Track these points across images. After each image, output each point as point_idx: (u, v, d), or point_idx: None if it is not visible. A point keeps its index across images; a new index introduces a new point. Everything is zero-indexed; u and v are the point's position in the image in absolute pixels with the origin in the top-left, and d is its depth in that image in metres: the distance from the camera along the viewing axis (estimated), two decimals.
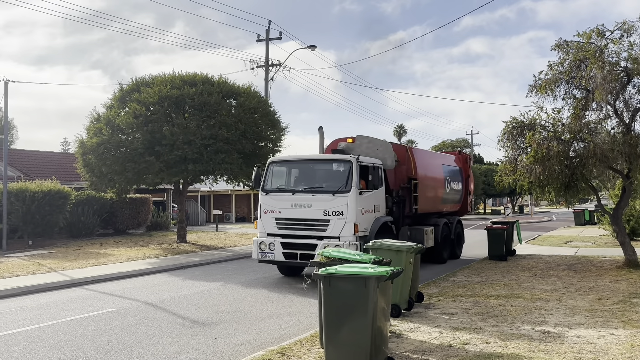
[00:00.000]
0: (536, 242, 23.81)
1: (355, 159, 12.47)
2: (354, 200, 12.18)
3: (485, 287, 11.95)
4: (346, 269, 6.29)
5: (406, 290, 9.24)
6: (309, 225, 12.45)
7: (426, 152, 17.60)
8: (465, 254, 19.22)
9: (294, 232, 12.65)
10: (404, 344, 7.36)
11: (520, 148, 14.94)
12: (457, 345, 7.28)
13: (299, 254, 12.39)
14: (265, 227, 13.07)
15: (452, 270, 14.89)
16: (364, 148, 14.29)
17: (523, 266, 15.56)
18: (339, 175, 12.61)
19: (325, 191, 12.55)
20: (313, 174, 13.31)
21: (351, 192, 12.21)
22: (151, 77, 23.32)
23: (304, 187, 12.93)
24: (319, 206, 12.36)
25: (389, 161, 14.27)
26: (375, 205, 13.16)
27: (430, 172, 16.40)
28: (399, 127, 79.88)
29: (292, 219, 12.67)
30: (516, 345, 7.26)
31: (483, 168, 66.07)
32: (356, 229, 12.10)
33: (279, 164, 13.70)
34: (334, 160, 13.09)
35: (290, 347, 7.28)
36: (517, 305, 9.90)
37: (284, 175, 13.45)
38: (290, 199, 12.76)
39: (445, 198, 17.59)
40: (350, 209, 12.15)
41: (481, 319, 8.80)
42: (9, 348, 7.64)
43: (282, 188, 13.18)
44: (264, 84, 30.06)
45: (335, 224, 12.18)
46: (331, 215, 12.21)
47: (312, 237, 12.43)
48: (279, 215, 12.85)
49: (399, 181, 15.11)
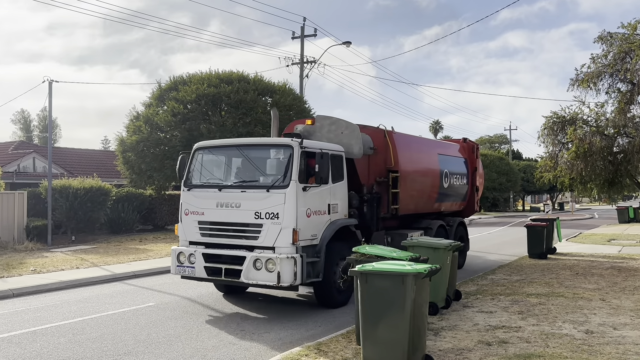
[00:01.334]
0: (577, 240, 23.21)
1: (297, 144, 9.28)
2: (294, 198, 9.03)
3: (524, 285, 11.73)
4: (383, 266, 6.26)
5: (444, 288, 9.14)
6: (237, 231, 9.36)
7: (414, 138, 13.96)
8: (501, 252, 18.90)
9: (220, 240, 9.56)
10: (441, 342, 7.29)
11: (561, 143, 14.65)
12: (495, 344, 7.17)
13: (224, 269, 9.30)
14: (186, 233, 9.99)
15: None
16: (325, 131, 11.15)
17: (564, 264, 15.20)
18: (278, 166, 9.59)
19: (258, 186, 9.43)
20: (247, 163, 10.11)
21: (290, 188, 9.05)
22: (188, 75, 23.70)
23: (233, 181, 9.93)
24: (249, 206, 9.24)
25: (355, 148, 10.91)
26: (332, 205, 9.99)
27: (418, 162, 13.36)
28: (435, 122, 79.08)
29: (217, 223, 9.57)
30: (557, 345, 7.10)
31: (522, 164, 64.89)
32: (295, 237, 8.96)
33: (208, 150, 10.40)
34: (271, 145, 10.04)
35: (327, 343, 7.30)
36: (558, 304, 9.68)
37: (213, 165, 10.46)
38: (216, 196, 9.62)
39: (443, 195, 14.40)
40: (288, 210, 9.00)
41: (521, 318, 8.64)
42: (55, 340, 7.89)
43: (207, 183, 10.10)
44: (299, 81, 30.17)
45: (269, 230, 9.04)
46: (264, 218, 9.09)
47: (240, 247, 9.30)
48: (202, 217, 9.76)
49: (374, 174, 11.92)
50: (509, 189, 59.43)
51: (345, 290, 9.95)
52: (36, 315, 9.56)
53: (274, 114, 11.14)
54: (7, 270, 14.02)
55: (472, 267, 15.02)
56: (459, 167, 15.38)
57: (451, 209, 15.26)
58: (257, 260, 8.96)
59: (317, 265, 9.37)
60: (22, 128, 69.10)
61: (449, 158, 14.84)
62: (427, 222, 13.62)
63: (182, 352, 7.29)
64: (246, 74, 23.68)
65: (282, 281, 8.73)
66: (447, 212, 15.13)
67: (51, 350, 7.36)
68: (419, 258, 7.50)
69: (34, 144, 44.21)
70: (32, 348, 7.46)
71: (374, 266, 6.25)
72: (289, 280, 8.77)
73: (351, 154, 10.87)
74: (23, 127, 69.16)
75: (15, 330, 8.46)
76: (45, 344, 7.66)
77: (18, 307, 10.26)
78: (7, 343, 7.71)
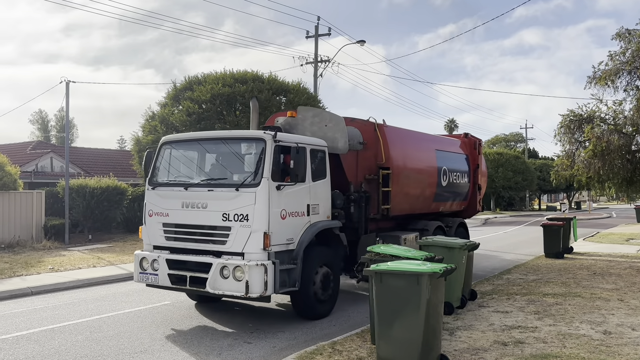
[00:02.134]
0: (595, 240, 22.95)
1: (270, 137, 8.36)
2: (265, 198, 8.10)
3: (541, 285, 11.62)
4: (398, 265, 6.24)
5: (459, 288, 9.10)
6: (204, 234, 8.46)
7: (408, 133, 12.78)
8: (517, 251, 18.75)
9: (185, 244, 8.65)
10: (456, 342, 7.25)
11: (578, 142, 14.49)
12: (512, 344, 7.11)
13: (189, 277, 8.36)
14: (149, 236, 9.11)
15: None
16: (308, 124, 10.09)
17: (581, 264, 15.03)
18: (250, 162, 8.65)
19: (226, 185, 8.48)
20: (216, 159, 9.27)
21: (261, 187, 8.11)
22: (203, 75, 23.79)
23: (201, 179, 8.97)
24: (217, 207, 8.32)
25: (340, 142, 9.90)
26: (311, 206, 9.02)
27: (412, 158, 12.26)
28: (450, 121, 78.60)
29: (182, 226, 8.68)
30: (575, 346, 7.03)
31: (538, 163, 64.30)
32: (267, 242, 8.03)
33: (176, 144, 9.46)
34: (242, 138, 9.09)
35: (342, 342, 7.30)
36: (575, 304, 9.58)
37: (181, 161, 9.49)
38: (182, 196, 8.71)
39: (441, 194, 13.32)
40: (259, 211, 8.04)
41: (537, 318, 8.57)
42: (72, 337, 7.99)
43: (173, 181, 9.15)
44: (313, 80, 30.16)
45: (238, 233, 8.10)
46: (232, 221, 8.14)
47: (207, 252, 8.39)
48: (167, 219, 8.85)
49: (363, 171, 10.91)
50: (524, 188, 58.91)
51: (326, 300, 9.18)
52: (54, 313, 9.69)
53: (253, 105, 10.14)
54: (26, 268, 14.22)
55: (488, 267, 14.92)
56: (460, 164, 14.33)
57: (451, 209, 14.27)
58: (224, 268, 8.03)
59: (293, 272, 8.48)
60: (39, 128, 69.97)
61: (448, 154, 13.84)
62: (424, 224, 12.62)
63: (198, 351, 7.33)
64: (260, 74, 23.71)
65: (251, 291, 7.79)
66: (447, 213, 14.17)
67: (69, 348, 7.45)
68: (434, 257, 7.48)
69: (52, 144, 44.74)
70: (50, 345, 7.56)
71: (388, 265, 6.24)
72: (258, 291, 7.83)
73: (336, 149, 9.90)
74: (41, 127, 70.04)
75: (34, 327, 8.58)
76: (63, 342, 7.76)
77: (36, 305, 10.40)
78: (26, 340, 7.82)
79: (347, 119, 10.88)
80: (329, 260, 9.31)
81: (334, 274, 9.37)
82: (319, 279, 8.98)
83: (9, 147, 34.51)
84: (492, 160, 55.57)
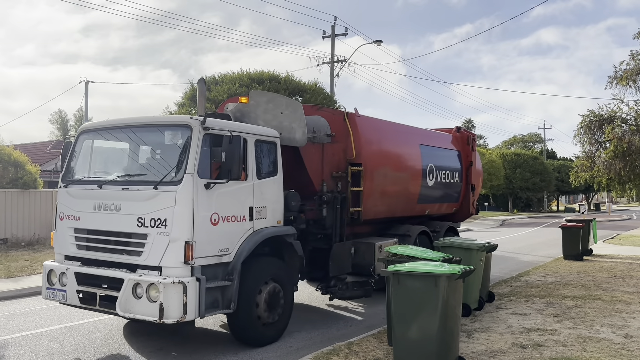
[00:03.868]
0: (615, 242, 22.61)
1: (198, 123, 6.85)
2: (188, 199, 6.59)
3: (560, 287, 11.48)
4: (416, 266, 6.20)
5: (477, 290, 9.02)
6: (117, 243, 6.98)
7: (386, 124, 11.18)
8: (535, 253, 18.53)
9: (98, 255, 7.14)
10: (474, 344, 7.19)
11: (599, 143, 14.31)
12: (530, 347, 7.03)
13: (99, 295, 6.89)
14: (60, 244, 7.66)
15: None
16: (262, 111, 8.58)
17: (601, 266, 14.82)
18: (174, 154, 7.03)
19: (143, 182, 6.97)
20: (137, 151, 7.70)
21: (183, 185, 6.60)
22: (220, 75, 23.93)
23: (117, 175, 7.49)
24: (132, 209, 6.83)
25: (298, 133, 8.38)
26: (256, 209, 7.49)
27: (391, 154, 10.77)
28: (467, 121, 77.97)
29: (95, 232, 7.20)
30: (595, 349, 6.93)
31: (556, 164, 63.71)
32: (189, 253, 6.50)
33: (95, 133, 7.90)
34: (165, 125, 7.53)
35: (358, 343, 7.28)
36: (595, 307, 9.45)
37: (100, 154, 8.06)
38: (95, 195, 7.22)
39: (427, 195, 11.76)
40: (180, 216, 6.55)
41: (556, 321, 8.46)
42: (92, 335, 8.06)
43: (86, 177, 7.67)
44: (330, 80, 30.18)
45: (155, 242, 6.61)
46: (149, 227, 6.66)
47: (120, 264, 6.90)
48: (78, 224, 7.39)
49: (330, 167, 9.40)
50: (542, 189, 58.38)
51: (273, 323, 7.56)
52: (73, 310, 9.76)
53: (199, 88, 8.63)
54: None
55: (505, 269, 14.77)
56: (450, 161, 12.80)
57: (440, 212, 12.77)
58: (138, 285, 6.51)
59: (228, 291, 6.93)
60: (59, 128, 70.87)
61: (435, 150, 12.24)
62: (406, 229, 11.01)
63: (215, 350, 7.36)
64: (277, 74, 23.80)
65: (166, 316, 6.29)
66: (436, 216, 12.75)
67: (87, 345, 7.53)
68: (452, 259, 7.42)
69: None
70: (70, 342, 7.64)
71: (406, 266, 6.20)
72: (175, 315, 6.33)
73: (292, 141, 8.38)
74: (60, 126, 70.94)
75: (53, 325, 8.68)
76: (82, 339, 7.84)
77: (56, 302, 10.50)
78: (45, 337, 7.91)
79: (314, 107, 9.95)
80: (278, 275, 7.70)
81: (284, 290, 7.75)
82: (264, 298, 7.39)
83: (29, 147, 35.05)
84: (510, 161, 55.14)
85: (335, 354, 6.79)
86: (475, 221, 37.68)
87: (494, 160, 47.75)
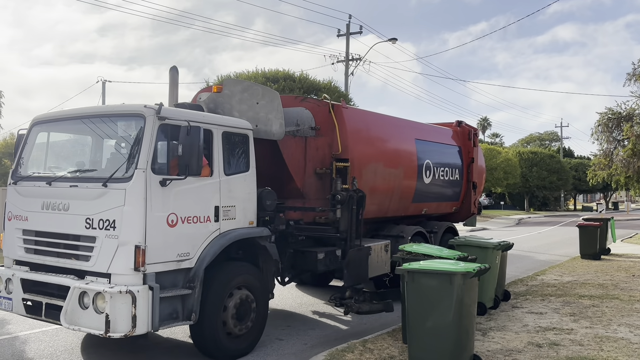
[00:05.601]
0: (633, 241, 22.32)
1: (152, 112, 6.14)
2: (139, 197, 5.90)
3: (577, 286, 11.39)
4: (431, 264, 6.21)
5: (492, 288, 8.98)
6: (65, 246, 6.35)
7: (376, 117, 10.51)
8: (551, 252, 18.36)
9: (46, 259, 6.51)
10: (489, 343, 7.17)
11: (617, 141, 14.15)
12: (546, 346, 7.00)
13: (45, 304, 6.30)
14: (8, 247, 6.99)
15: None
16: (236, 101, 7.82)
17: (619, 266, 14.67)
18: (126, 147, 6.38)
19: (92, 179, 6.30)
20: (88, 144, 7.13)
21: (133, 181, 5.93)
22: (235, 74, 24.04)
23: (68, 171, 6.80)
24: (80, 209, 6.19)
25: (275, 125, 7.63)
26: (223, 208, 6.76)
27: (381, 149, 10.05)
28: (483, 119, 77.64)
29: (43, 234, 6.57)
30: (612, 349, 6.87)
31: (574, 162, 63.07)
32: (140, 259, 5.82)
33: (48, 125, 7.21)
34: (118, 115, 6.64)
35: (373, 341, 7.30)
36: (613, 306, 9.36)
37: (53, 148, 7.38)
38: (44, 194, 6.57)
39: (423, 193, 11.09)
40: (129, 216, 5.89)
41: (573, 320, 8.40)
42: None
43: (36, 173, 7.00)
44: (344, 79, 30.17)
45: (104, 246, 5.97)
46: (97, 228, 6.03)
47: (67, 271, 6.26)
48: (26, 224, 6.76)
49: (314, 163, 8.75)
50: (559, 187, 57.81)
51: (243, 335, 6.90)
52: None
53: (171, 77, 8.00)
54: None
55: (521, 267, 14.68)
56: (449, 158, 12.10)
57: (438, 211, 12.11)
58: (84, 294, 5.89)
59: (188, 300, 6.23)
60: None
61: (433, 145, 11.54)
62: (400, 229, 10.38)
63: None
64: (292, 72, 23.84)
65: (112, 329, 5.65)
66: (435, 215, 12.10)
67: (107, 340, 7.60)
68: (467, 257, 7.41)
69: None
70: (89, 337, 7.70)
71: (421, 265, 6.21)
72: (122, 329, 5.67)
73: (269, 134, 7.63)
74: None
75: None
76: None
77: None
78: (65, 332, 7.98)
79: (298, 98, 9.46)
80: (249, 281, 6.99)
81: (257, 298, 7.05)
82: (232, 306, 6.72)
83: None
84: (527, 160, 54.69)
85: (350, 351, 6.82)
86: (491, 220, 37.44)
87: (511, 159, 47.38)
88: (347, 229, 8.18)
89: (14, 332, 7.97)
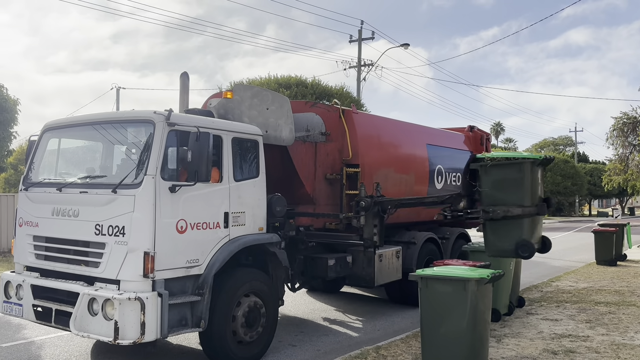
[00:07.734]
0: None
1: (162, 118, 6.15)
2: (149, 204, 5.93)
3: (592, 293, 11.26)
4: (445, 270, 6.18)
5: (506, 294, 8.91)
6: (75, 253, 6.38)
7: (387, 122, 10.50)
8: (566, 258, 18.17)
9: (56, 265, 6.54)
10: (504, 350, 7.11)
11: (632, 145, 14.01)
12: (562, 353, 6.93)
13: (55, 310, 6.30)
14: (19, 253, 7.01)
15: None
16: (246, 107, 7.79)
17: (635, 272, 14.48)
18: (136, 154, 6.43)
19: (102, 185, 6.36)
20: (99, 150, 7.16)
21: (142, 187, 5.94)
22: (248, 80, 24.16)
23: (78, 177, 6.83)
24: (90, 215, 6.23)
25: (285, 130, 7.66)
26: (232, 214, 6.76)
27: (392, 155, 10.07)
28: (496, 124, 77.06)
29: (53, 240, 6.61)
30: (629, 356, 6.79)
31: (588, 167, 62.48)
32: (150, 265, 5.84)
33: (59, 131, 7.24)
34: (127, 121, 6.69)
35: (386, 347, 7.27)
36: (630, 313, 9.24)
37: (64, 154, 7.41)
38: (54, 200, 6.61)
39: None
40: (139, 222, 5.91)
41: (589, 327, 8.31)
42: None
43: (46, 180, 7.01)
44: (356, 84, 30.18)
45: (113, 252, 5.99)
46: (107, 235, 6.05)
47: (77, 277, 6.31)
48: (37, 230, 6.79)
49: (324, 169, 8.76)
50: (574, 192, 57.27)
51: (253, 342, 6.86)
52: None
53: (182, 83, 7.95)
54: None
55: (536, 274, 14.54)
56: (461, 163, 11.83)
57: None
58: (93, 301, 5.91)
59: (198, 307, 6.23)
60: None
61: (445, 150, 11.48)
62: (411, 235, 10.27)
63: None
64: (304, 78, 23.92)
65: (121, 336, 5.67)
66: (446, 222, 11.32)
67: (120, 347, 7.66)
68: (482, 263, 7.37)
69: None
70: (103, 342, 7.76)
71: (434, 270, 6.19)
72: (131, 336, 5.67)
73: (278, 139, 7.65)
74: None
75: None
76: None
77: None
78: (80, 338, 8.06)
79: (308, 104, 9.48)
80: (259, 288, 6.98)
81: (266, 305, 7.03)
82: (242, 313, 6.71)
83: None
84: None
85: (363, 358, 6.80)
86: None
87: None
88: (370, 236, 7.99)
89: (29, 337, 8.05)
